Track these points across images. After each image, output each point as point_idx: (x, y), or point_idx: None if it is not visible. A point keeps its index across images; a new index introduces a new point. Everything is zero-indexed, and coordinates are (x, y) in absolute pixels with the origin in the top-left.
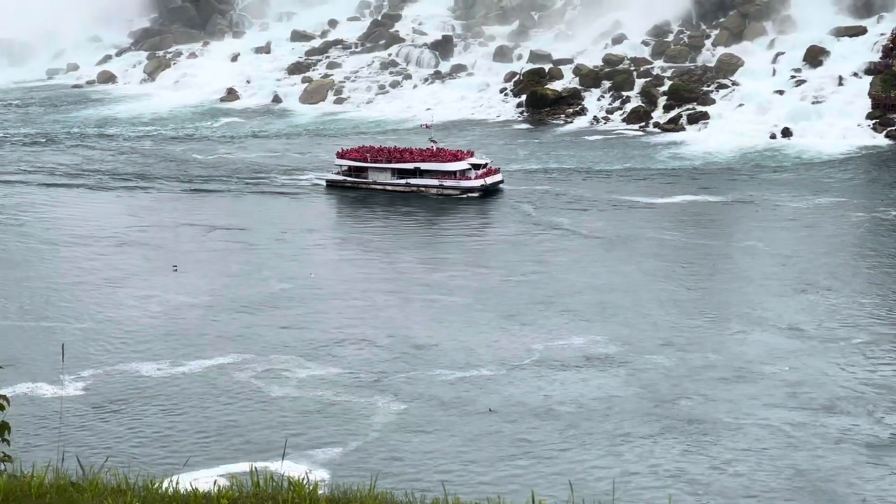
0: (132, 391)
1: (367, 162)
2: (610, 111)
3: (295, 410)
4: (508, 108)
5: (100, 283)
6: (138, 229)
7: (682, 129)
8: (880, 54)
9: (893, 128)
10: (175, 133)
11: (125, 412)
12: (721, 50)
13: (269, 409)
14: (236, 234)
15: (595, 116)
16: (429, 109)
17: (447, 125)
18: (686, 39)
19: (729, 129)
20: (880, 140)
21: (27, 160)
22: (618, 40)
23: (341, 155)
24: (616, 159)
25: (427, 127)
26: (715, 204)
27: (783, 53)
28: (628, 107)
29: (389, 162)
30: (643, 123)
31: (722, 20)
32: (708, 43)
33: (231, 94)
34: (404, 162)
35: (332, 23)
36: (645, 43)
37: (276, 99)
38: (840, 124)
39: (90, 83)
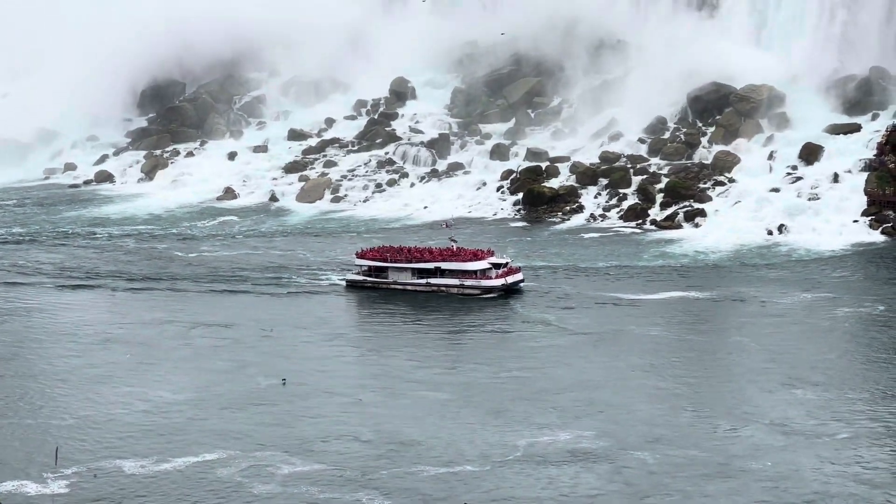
0: (118, 490)
1: (386, 261)
2: (607, 209)
3: None
4: (506, 206)
5: (85, 380)
6: (155, 326)
7: (679, 226)
8: (875, 151)
9: (889, 224)
10: (174, 232)
11: None
12: (717, 147)
13: None
14: (254, 333)
15: (592, 214)
16: (426, 208)
17: (442, 224)
18: (682, 137)
19: (726, 225)
20: (876, 236)
21: (11, 259)
22: (614, 137)
23: (361, 255)
24: (608, 256)
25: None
26: (706, 301)
27: (778, 151)
28: (625, 204)
29: (409, 261)
30: (640, 221)
31: (718, 117)
32: (704, 140)
33: (228, 193)
34: (424, 261)
35: (329, 121)
36: (641, 140)
37: (273, 197)
38: (836, 221)
39: (87, 183)
